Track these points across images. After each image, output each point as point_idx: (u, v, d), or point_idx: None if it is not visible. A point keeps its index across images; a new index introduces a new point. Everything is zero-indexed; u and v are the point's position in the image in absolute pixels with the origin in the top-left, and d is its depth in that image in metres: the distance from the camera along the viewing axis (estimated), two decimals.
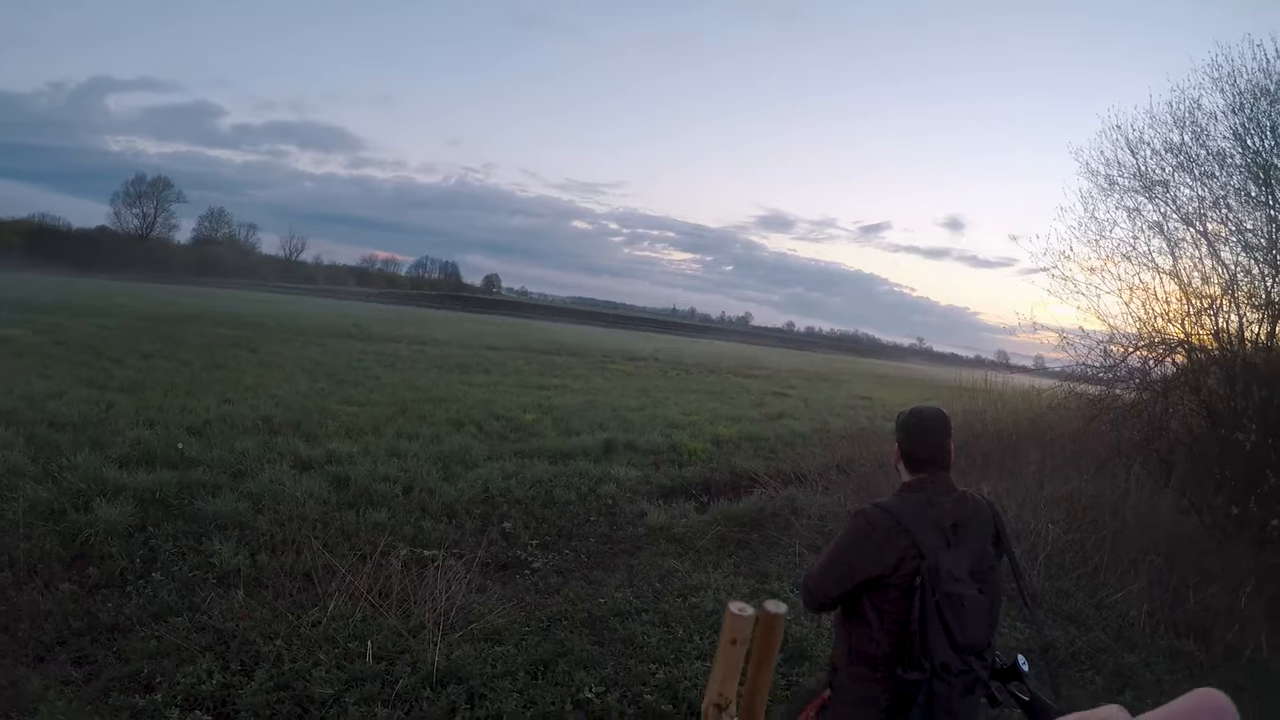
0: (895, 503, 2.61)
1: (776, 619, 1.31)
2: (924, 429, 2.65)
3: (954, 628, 2.43)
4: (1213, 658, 5.24)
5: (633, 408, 14.41)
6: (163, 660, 3.90)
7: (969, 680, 2.46)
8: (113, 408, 8.61)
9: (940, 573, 2.44)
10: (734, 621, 1.21)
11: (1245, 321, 7.65)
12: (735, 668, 1.34)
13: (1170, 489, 7.68)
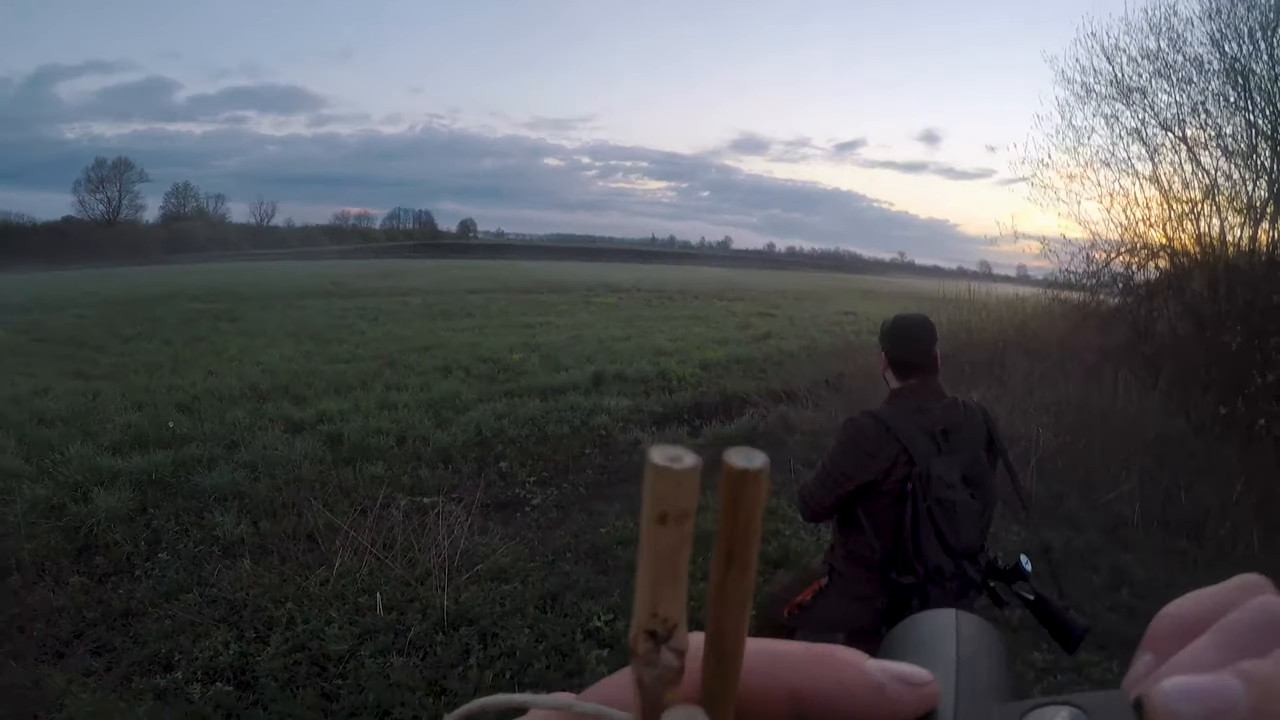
0: (885, 410, 2.65)
1: (751, 477, 0.32)
2: (910, 334, 2.68)
3: (946, 532, 2.50)
4: (1206, 555, 5.32)
5: (619, 338, 14.42)
6: (179, 638, 3.93)
7: (962, 583, 2.55)
8: (99, 396, 8.54)
9: (931, 478, 2.49)
10: (660, 480, 0.29)
11: (1227, 225, 7.67)
12: (674, 565, 0.36)
13: (1158, 391, 7.75)
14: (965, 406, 2.66)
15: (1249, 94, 7.25)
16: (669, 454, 0.24)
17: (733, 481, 0.27)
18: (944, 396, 2.64)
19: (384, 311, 17.92)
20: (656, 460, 0.22)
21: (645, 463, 0.24)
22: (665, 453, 0.24)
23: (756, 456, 0.28)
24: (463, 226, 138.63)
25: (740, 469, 0.27)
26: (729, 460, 0.27)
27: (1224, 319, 6.88)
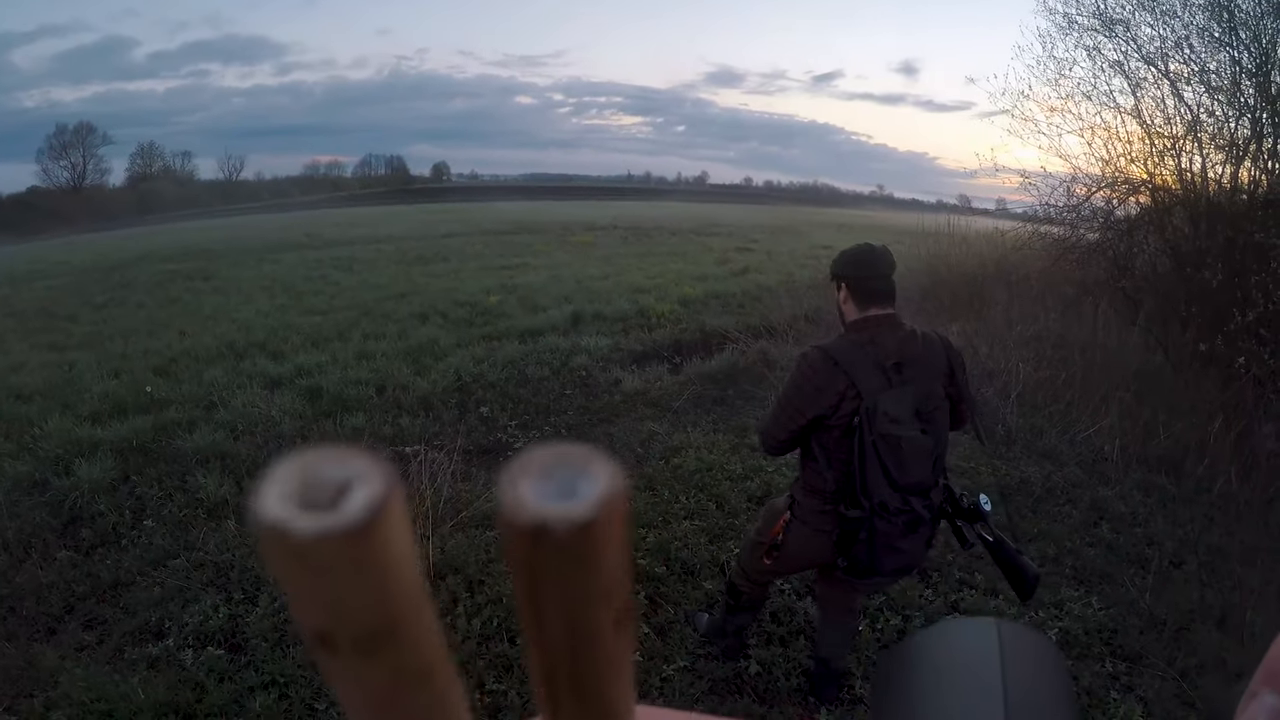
0: (836, 344, 2.64)
1: (563, 537, 0.23)
2: (865, 262, 2.65)
3: (891, 467, 2.53)
4: (1185, 491, 5.38)
5: (596, 277, 14.34)
6: (168, 605, 3.94)
7: (910, 519, 2.57)
8: (75, 366, 8.40)
9: (877, 413, 2.48)
10: (295, 560, 0.22)
11: (1209, 162, 7.60)
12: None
13: (1137, 327, 7.79)
14: (924, 338, 2.64)
15: (1234, 29, 7.16)
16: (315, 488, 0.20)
17: (526, 547, 0.22)
18: (901, 328, 2.62)
19: (358, 260, 17.76)
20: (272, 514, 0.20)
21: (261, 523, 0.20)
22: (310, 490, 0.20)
23: (589, 479, 0.22)
24: (435, 170, 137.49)
25: (536, 524, 0.21)
26: (516, 505, 0.22)
27: (1204, 256, 6.88)
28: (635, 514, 4.77)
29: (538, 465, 0.23)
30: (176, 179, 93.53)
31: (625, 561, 0.24)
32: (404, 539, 0.22)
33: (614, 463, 0.23)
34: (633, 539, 3.72)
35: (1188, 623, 3.92)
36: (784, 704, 3.31)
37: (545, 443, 0.22)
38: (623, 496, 0.23)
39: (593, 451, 0.23)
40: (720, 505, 4.91)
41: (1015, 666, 0.41)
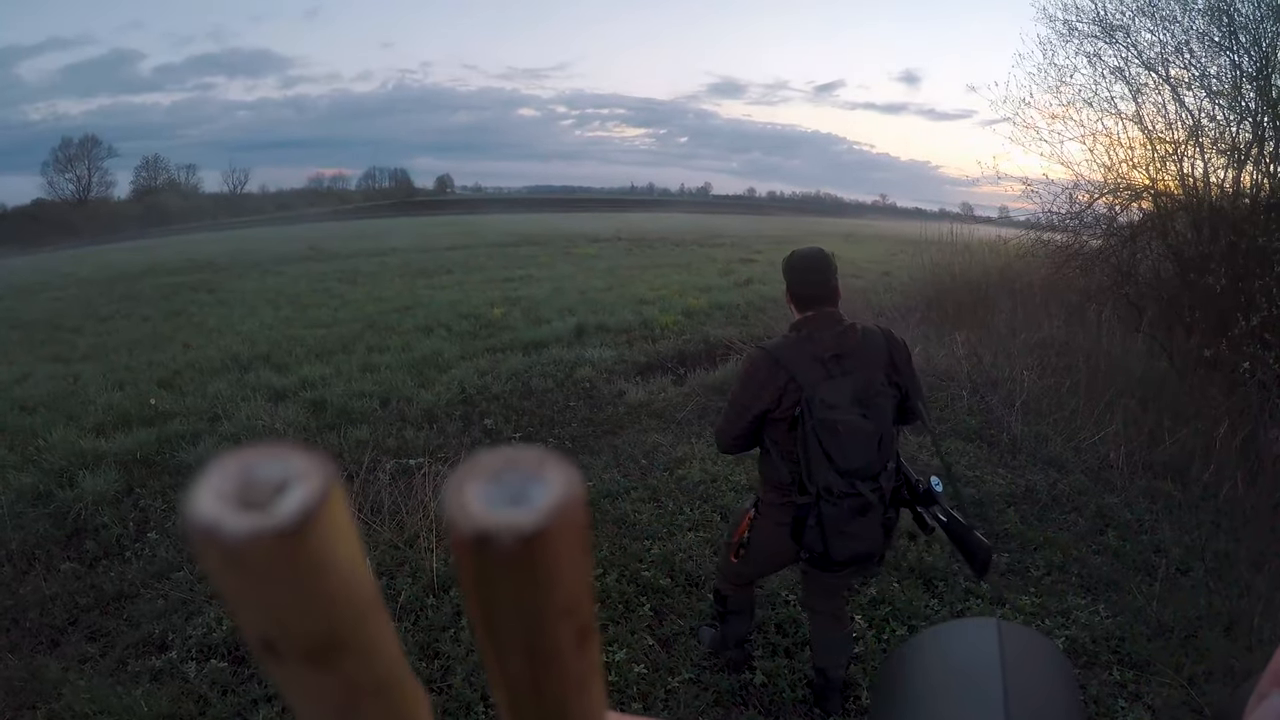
0: (776, 343, 2.81)
1: (513, 550, 0.22)
2: (805, 267, 2.78)
3: (832, 452, 2.61)
4: (1190, 497, 5.34)
5: (600, 289, 14.34)
6: (171, 617, 3.93)
7: (858, 503, 2.64)
8: (80, 378, 8.43)
9: (815, 402, 2.58)
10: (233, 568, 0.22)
11: (1211, 167, 7.59)
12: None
13: (1141, 333, 7.78)
14: (865, 331, 2.74)
15: (1234, 34, 7.16)
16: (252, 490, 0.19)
17: (472, 559, 0.21)
18: (840, 324, 2.71)
19: (362, 273, 17.77)
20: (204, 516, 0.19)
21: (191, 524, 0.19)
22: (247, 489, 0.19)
23: (542, 484, 0.21)
24: (439, 182, 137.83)
25: (479, 534, 0.20)
26: (459, 512, 0.20)
27: (1207, 261, 6.87)
28: (639, 526, 4.77)
29: (486, 469, 0.22)
30: (181, 192, 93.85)
31: (585, 573, 0.23)
32: (346, 541, 0.21)
33: (570, 466, 0.22)
34: (637, 551, 3.72)
35: (1195, 629, 3.89)
36: (789, 716, 3.29)
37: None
38: (579, 503, 0.21)
39: (547, 454, 0.22)
40: (724, 516, 4.87)
41: (1016, 666, 0.40)
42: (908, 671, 0.46)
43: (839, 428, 2.58)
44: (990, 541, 2.70)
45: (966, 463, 5.72)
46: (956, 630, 0.46)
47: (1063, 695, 0.41)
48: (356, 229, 41.11)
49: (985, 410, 6.73)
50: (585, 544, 0.22)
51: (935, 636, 0.47)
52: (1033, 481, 5.46)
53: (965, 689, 0.41)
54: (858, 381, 2.62)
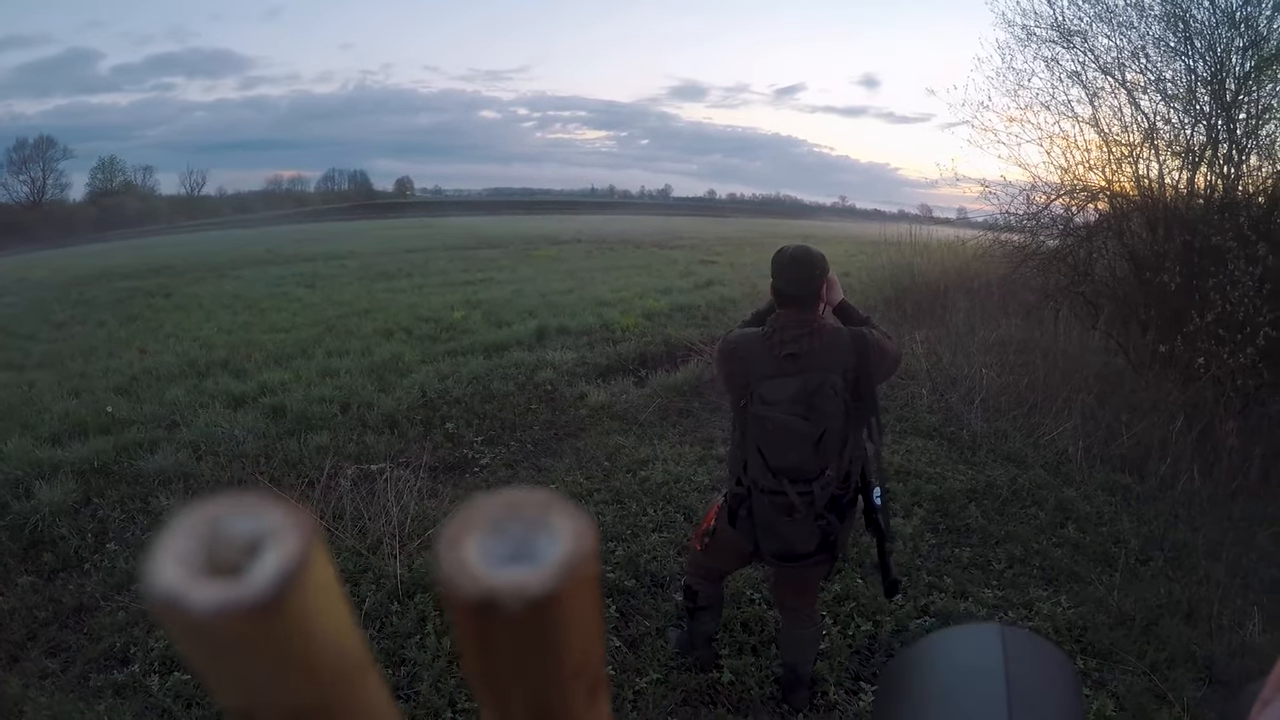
0: (740, 333, 2.84)
1: (520, 615, 0.20)
2: (788, 266, 2.75)
3: (764, 449, 2.65)
4: (1148, 490, 5.46)
5: (561, 291, 14.27)
6: (133, 630, 3.85)
7: (783, 502, 2.66)
8: (35, 386, 8.20)
9: (755, 397, 2.62)
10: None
11: (1165, 169, 7.72)
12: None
13: (1098, 330, 7.93)
14: (832, 333, 2.71)
15: (1189, 39, 7.29)
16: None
17: (474, 623, 0.19)
18: (806, 324, 2.67)
19: (321, 276, 17.57)
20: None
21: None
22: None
23: (550, 536, 0.19)
24: (399, 185, 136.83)
25: (484, 598, 0.18)
26: (459, 572, 0.19)
27: (1162, 260, 6.98)
28: (604, 528, 4.76)
29: (486, 518, 0.20)
30: (138, 194, 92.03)
31: (597, 629, 0.21)
32: (330, 605, 0.19)
33: (578, 513, 0.20)
34: (601, 553, 3.68)
35: (1156, 618, 3.97)
36: (758, 713, 3.29)
37: (498, 489, 0.18)
38: (591, 555, 0.20)
39: (552, 499, 0.20)
40: (688, 517, 4.88)
41: (1019, 671, 0.40)
42: (912, 676, 0.46)
43: (769, 425, 2.60)
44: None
45: (927, 459, 5.76)
46: (960, 635, 0.46)
47: (1066, 700, 0.41)
48: (315, 232, 40.73)
49: (945, 408, 6.78)
50: (597, 599, 0.20)
51: (939, 641, 0.47)
52: (993, 477, 5.51)
53: (969, 693, 0.40)
54: (807, 382, 2.61)
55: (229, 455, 5.89)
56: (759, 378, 2.64)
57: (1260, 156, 7.19)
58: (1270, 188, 6.93)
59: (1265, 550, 4.70)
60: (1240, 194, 7.10)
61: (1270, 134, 7.11)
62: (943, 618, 3.88)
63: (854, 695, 3.40)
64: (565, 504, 0.20)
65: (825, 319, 2.77)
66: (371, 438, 6.29)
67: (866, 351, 2.71)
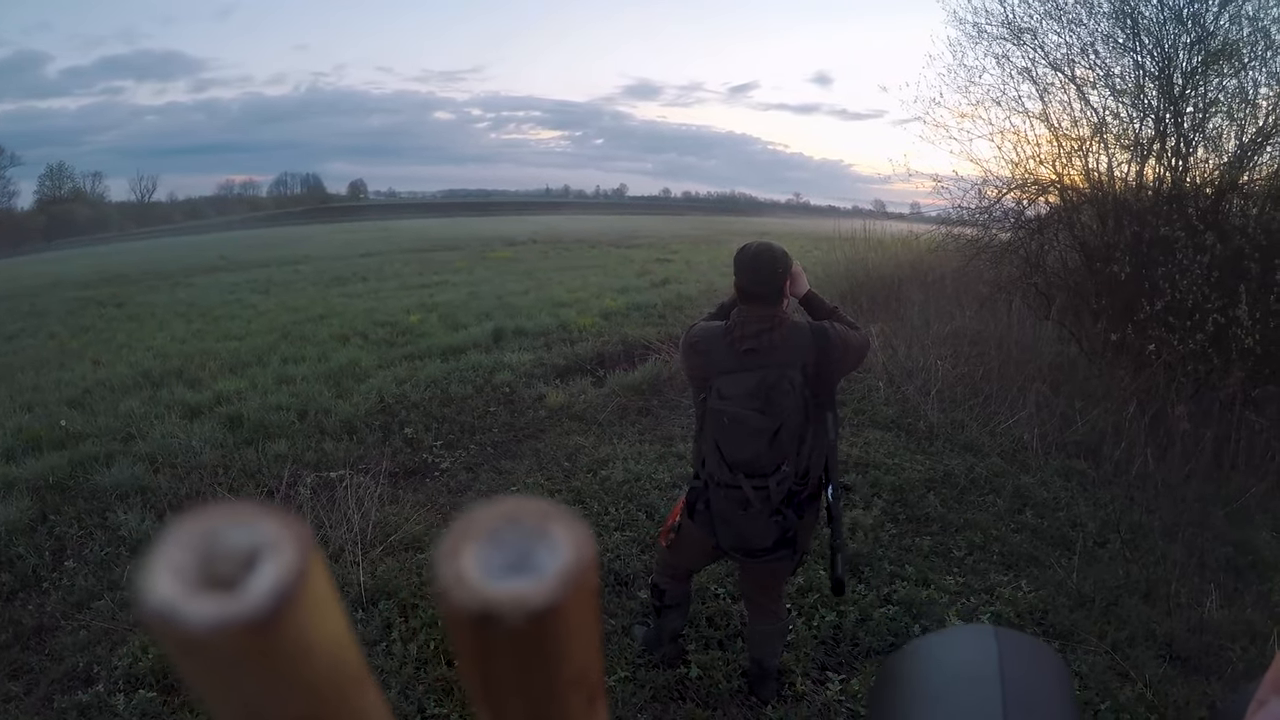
0: (702, 326, 2.83)
1: (519, 628, 0.20)
2: (749, 265, 2.72)
3: (720, 442, 2.66)
4: (1103, 474, 5.55)
5: (517, 292, 14.23)
6: (95, 649, 3.77)
7: (738, 496, 2.67)
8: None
9: (712, 391, 2.66)
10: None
11: (1115, 161, 7.85)
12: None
13: (1051, 321, 8.04)
14: (792, 328, 2.70)
15: (1137, 36, 7.42)
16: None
17: (472, 636, 0.19)
18: (766, 320, 2.67)
19: (275, 282, 17.41)
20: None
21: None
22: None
23: (549, 546, 0.19)
24: (352, 188, 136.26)
25: (482, 611, 0.18)
26: (456, 584, 0.19)
27: (1112, 250, 7.09)
28: None
29: (484, 528, 0.19)
30: (88, 201, 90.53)
31: (596, 640, 0.21)
32: (329, 619, 0.18)
33: (578, 523, 0.20)
34: None
35: (1115, 598, 4.04)
36: (727, 706, 3.29)
37: (493, 497, 0.19)
38: (591, 566, 0.19)
39: (550, 508, 0.20)
40: (650, 515, 4.88)
41: (1014, 673, 0.41)
42: (907, 677, 0.46)
43: (726, 419, 2.61)
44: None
45: (885, 451, 5.81)
46: (955, 637, 0.46)
47: (1061, 702, 0.41)
48: (268, 237, 40.43)
49: (902, 399, 6.84)
50: (597, 609, 0.20)
51: (934, 643, 0.47)
52: (951, 466, 5.57)
53: (964, 695, 0.41)
54: (765, 378, 2.61)
55: (186, 467, 5.78)
56: (718, 372, 2.65)
57: (1207, 149, 7.32)
58: (1217, 179, 7.07)
59: (1219, 530, 4.79)
60: (1188, 185, 7.23)
61: (1217, 127, 7.24)
62: (905, 605, 3.91)
63: (821, 685, 3.41)
64: (564, 513, 0.20)
65: (790, 312, 2.77)
66: (330, 445, 6.21)
67: (828, 346, 2.70)
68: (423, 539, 4.58)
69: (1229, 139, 7.17)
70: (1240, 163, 6.98)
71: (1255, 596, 4.15)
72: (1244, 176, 7.01)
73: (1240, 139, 7.01)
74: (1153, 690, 3.37)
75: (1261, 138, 6.87)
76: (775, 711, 3.26)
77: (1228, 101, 7.10)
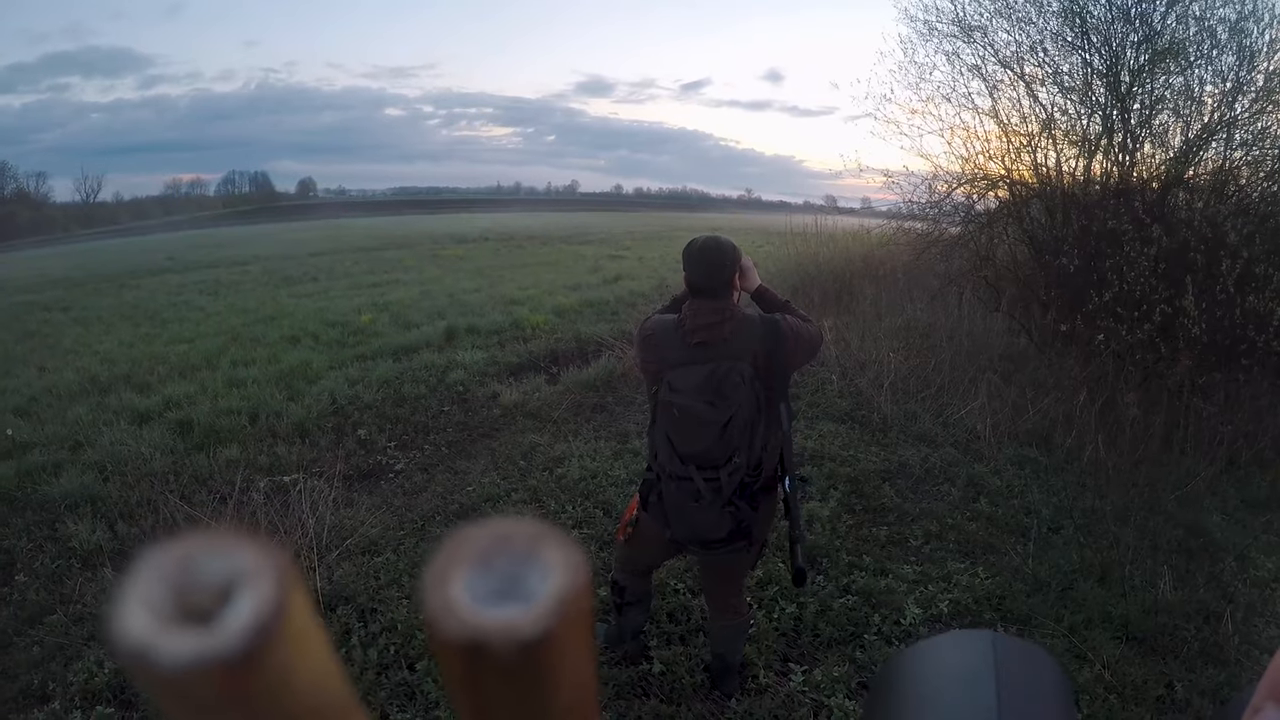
0: (656, 319, 2.84)
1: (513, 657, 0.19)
2: (696, 259, 2.73)
3: (672, 434, 2.67)
4: (1055, 461, 5.65)
5: (469, 290, 14.17)
6: (49, 665, 3.64)
7: (689, 488, 2.67)
8: None
9: (664, 384, 2.66)
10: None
11: (1063, 157, 8.01)
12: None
13: (1001, 312, 8.20)
14: (742, 321, 2.71)
15: (1086, 34, 7.57)
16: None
17: (463, 667, 0.18)
18: (716, 313, 2.67)
19: (223, 284, 17.09)
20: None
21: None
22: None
23: (540, 570, 0.19)
24: (302, 186, 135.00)
25: (473, 641, 0.17)
26: (445, 613, 0.18)
27: (1060, 244, 7.22)
28: None
29: (472, 552, 0.19)
30: (31, 202, 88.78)
31: (591, 664, 0.20)
32: (311, 653, 0.17)
33: (569, 544, 0.19)
34: None
35: (1070, 582, 4.12)
36: (691, 701, 3.28)
37: (480, 519, 0.18)
38: (585, 590, 0.18)
39: (541, 530, 0.19)
40: (607, 512, 4.87)
41: (1010, 679, 0.40)
42: (900, 684, 0.46)
43: (676, 411, 2.62)
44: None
45: (840, 443, 5.85)
46: (950, 642, 0.46)
47: (1059, 710, 0.41)
48: (216, 237, 39.87)
49: (855, 392, 6.89)
50: (591, 634, 0.19)
51: (928, 649, 0.47)
52: (905, 457, 5.62)
53: (959, 702, 0.40)
54: (715, 370, 2.61)
55: (137, 474, 5.62)
56: (670, 365, 2.66)
57: (1153, 145, 7.52)
58: (1163, 174, 7.24)
59: (1170, 513, 4.88)
60: (1135, 180, 7.41)
61: (1163, 123, 7.43)
62: (864, 595, 3.93)
63: (784, 677, 3.41)
64: (556, 535, 0.19)
65: (741, 306, 2.76)
66: (283, 448, 6.10)
67: (779, 339, 2.70)
68: (379, 542, 4.53)
69: (1174, 135, 7.35)
70: (1185, 158, 7.15)
71: (1207, 577, 4.23)
72: (1189, 171, 7.17)
73: (1186, 135, 7.17)
74: (1111, 671, 3.42)
75: (1206, 134, 7.02)
76: (739, 705, 3.26)
77: (1174, 99, 7.27)
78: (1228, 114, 6.98)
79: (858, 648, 3.60)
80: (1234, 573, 4.36)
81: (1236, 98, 6.97)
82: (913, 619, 3.76)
